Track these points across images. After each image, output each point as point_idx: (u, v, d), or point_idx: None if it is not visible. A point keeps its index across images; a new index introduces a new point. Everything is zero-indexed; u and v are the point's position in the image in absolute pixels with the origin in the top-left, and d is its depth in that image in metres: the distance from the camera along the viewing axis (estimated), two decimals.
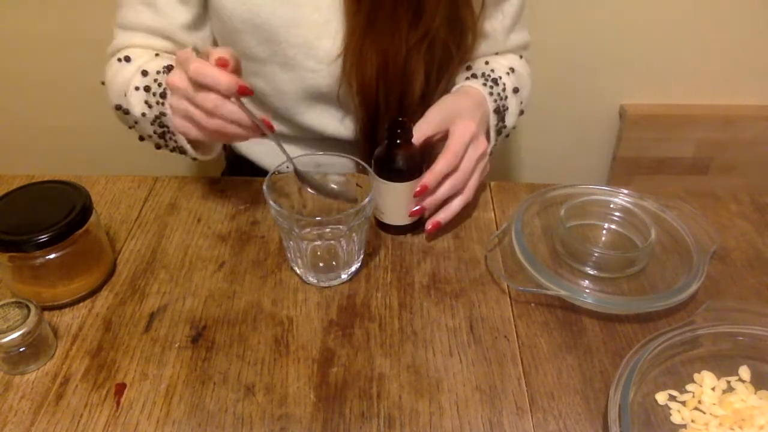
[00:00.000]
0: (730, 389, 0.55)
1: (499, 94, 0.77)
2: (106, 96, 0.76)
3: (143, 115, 0.69)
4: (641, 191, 0.73)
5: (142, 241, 0.72)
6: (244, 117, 0.60)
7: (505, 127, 0.79)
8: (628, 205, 0.72)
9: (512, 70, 0.81)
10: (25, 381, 0.56)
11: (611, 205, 0.73)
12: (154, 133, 0.71)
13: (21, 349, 0.56)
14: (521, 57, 0.87)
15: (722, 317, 0.58)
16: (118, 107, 0.73)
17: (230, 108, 0.59)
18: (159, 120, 0.68)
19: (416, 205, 0.69)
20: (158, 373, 0.57)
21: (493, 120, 0.76)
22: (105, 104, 0.74)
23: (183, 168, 0.70)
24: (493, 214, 0.75)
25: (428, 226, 0.70)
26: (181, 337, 0.60)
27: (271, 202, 0.60)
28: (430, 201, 0.69)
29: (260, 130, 0.62)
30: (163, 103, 0.67)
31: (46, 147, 1.44)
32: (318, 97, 0.80)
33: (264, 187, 0.62)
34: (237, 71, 0.61)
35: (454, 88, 0.78)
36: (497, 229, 0.73)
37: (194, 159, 0.72)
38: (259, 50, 0.76)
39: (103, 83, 0.77)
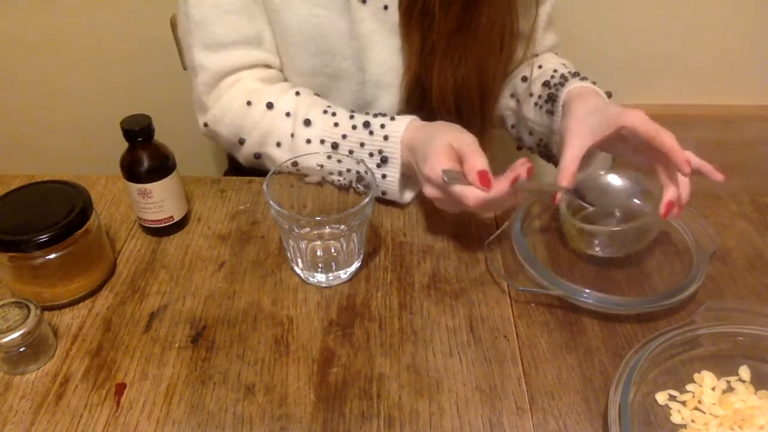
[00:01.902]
0: (730, 389, 0.55)
1: (593, 82, 0.75)
2: (223, 130, 0.77)
3: (320, 166, 0.68)
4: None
5: (142, 241, 0.72)
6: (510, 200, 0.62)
7: None
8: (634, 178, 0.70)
9: (565, 65, 0.81)
10: (25, 381, 0.56)
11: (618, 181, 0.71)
12: (334, 182, 0.69)
13: (21, 349, 0.56)
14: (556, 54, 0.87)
15: (722, 317, 0.58)
16: (257, 156, 0.76)
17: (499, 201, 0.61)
18: (359, 175, 0.67)
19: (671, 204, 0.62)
20: (158, 373, 0.57)
21: None
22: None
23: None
24: (493, 214, 0.75)
25: (664, 209, 0.62)
26: (181, 337, 0.60)
27: (271, 202, 0.60)
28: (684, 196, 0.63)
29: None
30: (385, 176, 0.70)
31: (46, 147, 1.44)
32: (365, 107, 0.81)
33: (264, 187, 0.62)
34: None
35: (563, 102, 0.72)
36: (497, 229, 0.73)
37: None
38: (310, 63, 0.77)
39: (206, 125, 0.79)
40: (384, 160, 0.70)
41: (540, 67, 0.81)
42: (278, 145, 0.74)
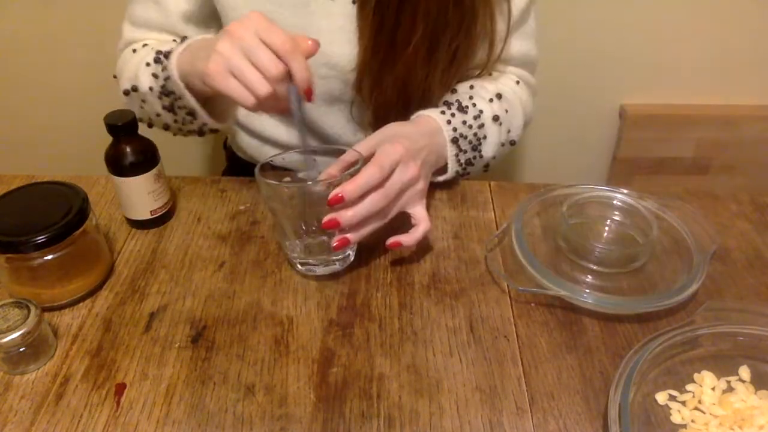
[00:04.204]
0: (730, 389, 0.55)
1: (464, 122, 0.74)
2: (118, 88, 0.77)
3: (150, 89, 0.70)
4: (641, 191, 0.73)
5: (142, 241, 0.72)
6: (286, 100, 0.60)
7: (478, 157, 0.76)
8: (630, 200, 0.72)
9: (499, 96, 0.78)
10: (25, 381, 0.56)
11: (614, 201, 0.73)
12: (163, 108, 0.71)
13: (21, 349, 0.55)
14: (518, 82, 0.83)
15: (722, 317, 0.58)
16: (129, 91, 0.74)
17: (284, 86, 0.58)
18: (164, 87, 0.69)
19: (331, 217, 0.60)
20: (158, 373, 0.57)
21: (451, 150, 0.73)
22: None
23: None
24: (493, 214, 0.75)
25: (335, 243, 0.62)
26: (181, 337, 0.60)
27: (264, 180, 0.60)
28: (347, 216, 0.60)
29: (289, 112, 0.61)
30: (166, 67, 0.67)
31: (46, 147, 1.44)
32: (331, 102, 0.81)
33: (256, 171, 0.62)
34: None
35: (412, 116, 0.75)
36: (497, 229, 0.73)
37: (202, 129, 0.73)
38: None
39: (114, 77, 0.79)
40: (168, 94, 0.70)
41: (473, 86, 0.80)
42: (137, 75, 0.73)
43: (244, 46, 0.57)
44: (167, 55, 0.68)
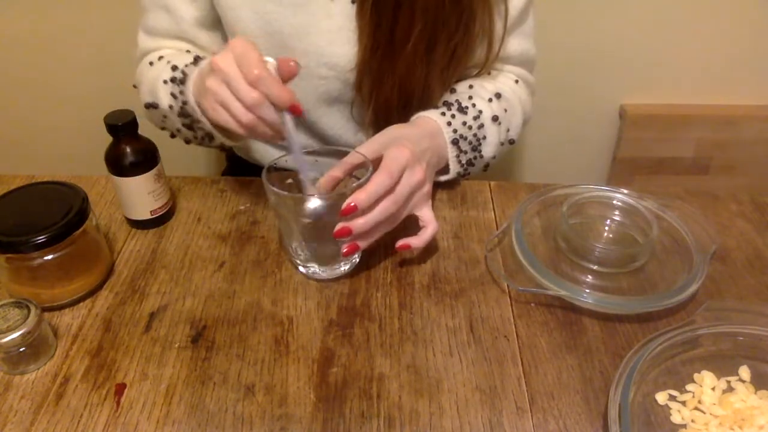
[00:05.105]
0: (730, 389, 0.55)
1: (464, 122, 0.74)
2: (139, 98, 0.77)
3: (170, 107, 0.70)
4: (641, 191, 0.73)
5: (142, 241, 0.72)
6: (278, 124, 0.60)
7: (478, 157, 0.76)
8: (630, 200, 0.72)
9: (498, 95, 0.78)
10: (25, 381, 0.56)
11: (614, 201, 0.73)
12: (183, 125, 0.72)
13: (21, 349, 0.56)
14: (517, 81, 0.84)
15: (722, 317, 0.58)
16: (149, 105, 0.74)
17: (269, 111, 0.59)
18: (183, 109, 0.69)
19: (343, 226, 0.60)
20: (158, 373, 0.57)
21: (452, 151, 0.73)
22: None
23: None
24: (493, 214, 0.75)
25: (344, 249, 0.62)
26: (181, 337, 0.60)
27: (272, 188, 0.60)
28: (359, 224, 0.60)
29: (282, 136, 0.62)
30: (183, 92, 0.68)
31: (46, 147, 1.44)
32: (331, 102, 0.81)
33: (263, 173, 0.62)
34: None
35: (412, 118, 0.75)
36: (497, 229, 0.73)
37: (223, 146, 0.74)
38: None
39: (135, 86, 0.79)
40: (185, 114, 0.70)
41: (472, 86, 0.80)
42: (155, 90, 0.73)
43: (226, 79, 0.59)
44: (183, 80, 0.68)
